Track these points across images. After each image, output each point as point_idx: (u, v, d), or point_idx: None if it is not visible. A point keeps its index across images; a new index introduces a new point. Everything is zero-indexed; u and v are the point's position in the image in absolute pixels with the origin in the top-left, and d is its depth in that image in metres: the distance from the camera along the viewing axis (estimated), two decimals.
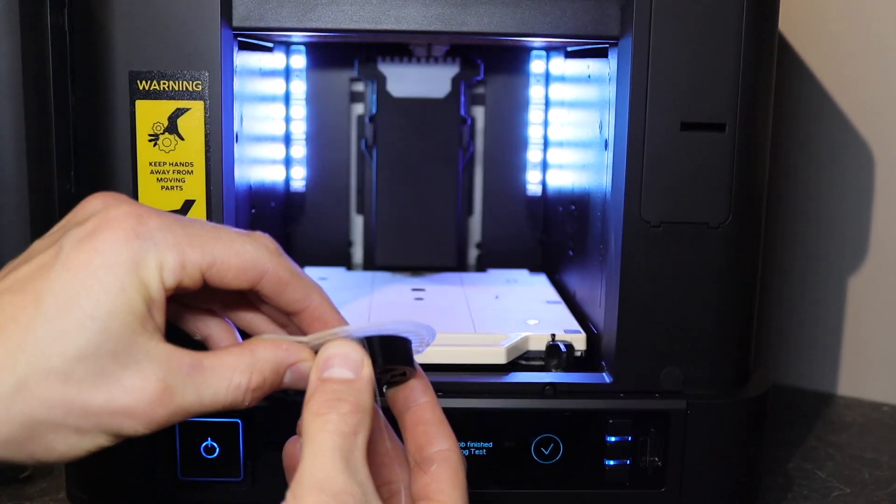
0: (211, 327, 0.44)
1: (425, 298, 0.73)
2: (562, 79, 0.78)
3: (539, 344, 0.62)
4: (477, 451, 0.56)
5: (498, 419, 0.56)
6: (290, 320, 0.43)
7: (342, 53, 0.82)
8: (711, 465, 0.57)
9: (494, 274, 0.83)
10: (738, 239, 0.56)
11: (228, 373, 0.39)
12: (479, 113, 0.85)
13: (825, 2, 0.85)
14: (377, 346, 0.41)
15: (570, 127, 0.75)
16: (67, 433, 0.36)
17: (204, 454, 0.56)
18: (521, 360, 0.61)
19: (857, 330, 0.87)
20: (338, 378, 0.39)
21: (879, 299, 0.86)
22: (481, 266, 0.87)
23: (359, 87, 0.83)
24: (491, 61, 0.83)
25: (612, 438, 0.56)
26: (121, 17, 0.52)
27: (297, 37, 0.62)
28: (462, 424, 0.56)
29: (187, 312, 0.44)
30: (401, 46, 0.80)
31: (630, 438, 0.56)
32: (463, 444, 0.56)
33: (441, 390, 0.41)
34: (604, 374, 0.59)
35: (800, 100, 0.87)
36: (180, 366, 0.37)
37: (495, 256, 0.87)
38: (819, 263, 0.88)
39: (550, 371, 0.60)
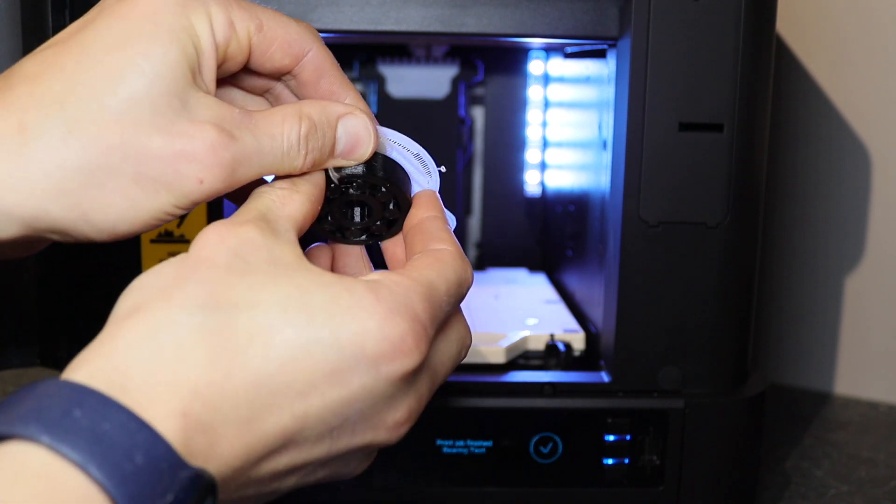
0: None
1: None
2: (561, 79, 0.78)
3: (538, 343, 0.62)
4: (476, 450, 0.57)
5: (497, 418, 0.56)
6: None
7: (342, 54, 0.81)
8: (709, 464, 0.57)
9: (494, 273, 0.84)
10: (735, 239, 0.56)
11: (278, 118, 0.36)
12: (478, 113, 0.85)
13: (823, 3, 0.85)
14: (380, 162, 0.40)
15: (568, 127, 0.75)
16: (126, 184, 0.33)
17: None
18: (521, 359, 0.62)
19: (854, 329, 0.88)
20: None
21: (877, 299, 0.86)
22: (481, 265, 0.87)
23: (358, 87, 0.84)
24: (490, 62, 0.83)
25: (611, 437, 0.57)
26: None
27: None
28: (461, 423, 0.56)
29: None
30: (400, 47, 0.80)
31: (629, 437, 0.57)
32: (462, 443, 0.56)
33: (440, 390, 0.41)
34: (602, 373, 0.59)
35: (797, 100, 0.87)
36: (232, 113, 0.35)
37: (495, 256, 0.87)
38: (817, 263, 0.89)
39: (549, 370, 0.60)
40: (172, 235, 0.56)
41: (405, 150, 0.41)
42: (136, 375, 0.29)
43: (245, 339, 0.31)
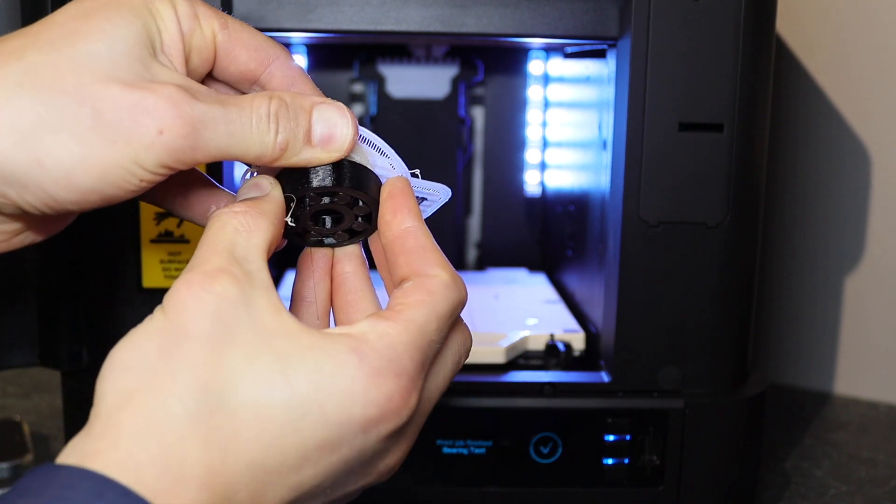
0: None
1: None
2: (561, 80, 0.78)
3: (538, 343, 0.62)
4: (476, 450, 0.57)
5: (497, 418, 0.56)
6: None
7: (342, 54, 0.82)
8: (709, 464, 0.57)
9: (494, 273, 0.84)
10: (735, 239, 0.56)
11: (248, 96, 0.36)
12: (478, 113, 0.85)
13: (823, 3, 0.85)
14: (347, 169, 0.38)
15: (568, 127, 0.75)
16: (81, 128, 0.32)
17: None
18: (521, 359, 0.62)
19: (854, 329, 0.88)
20: (251, 195, 0.37)
21: (876, 299, 0.86)
22: (481, 265, 0.87)
23: (358, 87, 0.84)
24: (490, 62, 0.83)
25: (611, 437, 0.57)
26: None
27: (297, 38, 0.62)
28: (461, 423, 0.56)
29: None
30: (401, 47, 0.80)
31: (628, 437, 0.57)
32: (462, 443, 0.56)
33: None
34: (602, 373, 0.59)
35: (797, 100, 0.87)
36: (199, 84, 0.35)
37: (494, 256, 0.87)
38: (817, 263, 0.89)
39: (549, 370, 0.60)
40: (172, 235, 0.56)
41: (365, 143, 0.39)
42: (147, 469, 0.29)
43: (238, 420, 0.31)
